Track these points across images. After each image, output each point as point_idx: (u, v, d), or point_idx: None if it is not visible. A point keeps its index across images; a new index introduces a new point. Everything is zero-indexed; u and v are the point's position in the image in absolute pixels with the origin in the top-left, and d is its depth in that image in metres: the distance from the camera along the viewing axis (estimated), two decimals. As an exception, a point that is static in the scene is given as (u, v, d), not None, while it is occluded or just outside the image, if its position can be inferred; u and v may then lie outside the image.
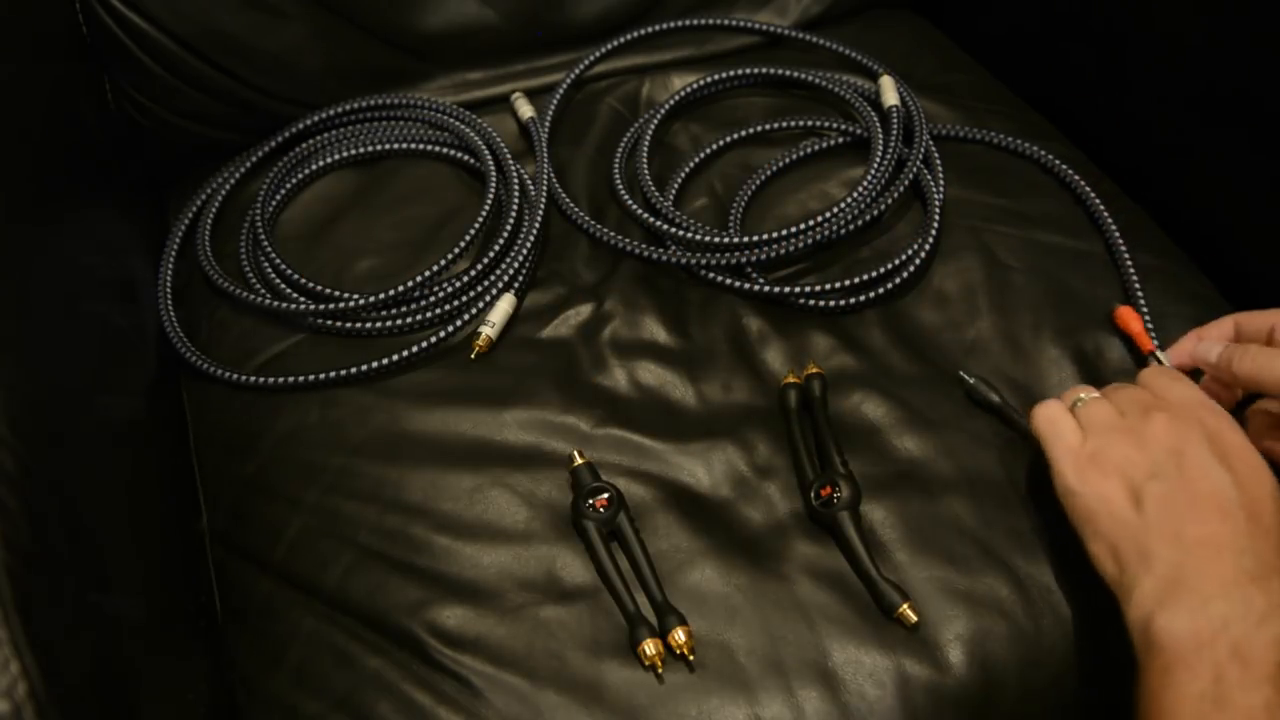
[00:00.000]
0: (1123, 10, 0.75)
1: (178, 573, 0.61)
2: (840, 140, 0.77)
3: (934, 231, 0.69)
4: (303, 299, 0.70)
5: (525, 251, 0.71)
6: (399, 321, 0.69)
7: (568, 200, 0.75)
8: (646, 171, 0.76)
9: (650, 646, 0.54)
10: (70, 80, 0.72)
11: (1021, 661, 0.54)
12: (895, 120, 0.75)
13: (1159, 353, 0.62)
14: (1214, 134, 0.72)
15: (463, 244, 0.71)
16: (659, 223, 0.72)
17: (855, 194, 0.70)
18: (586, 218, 0.74)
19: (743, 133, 0.78)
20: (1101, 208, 0.71)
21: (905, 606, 0.54)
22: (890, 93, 0.77)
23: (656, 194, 0.74)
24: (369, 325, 0.69)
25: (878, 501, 0.59)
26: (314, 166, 0.78)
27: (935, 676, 0.54)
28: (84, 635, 0.45)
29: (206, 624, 0.61)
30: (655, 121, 0.79)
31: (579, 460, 0.60)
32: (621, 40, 0.84)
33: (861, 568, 0.56)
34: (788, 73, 0.81)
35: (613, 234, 0.73)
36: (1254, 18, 0.67)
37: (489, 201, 0.73)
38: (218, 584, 0.62)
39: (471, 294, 0.70)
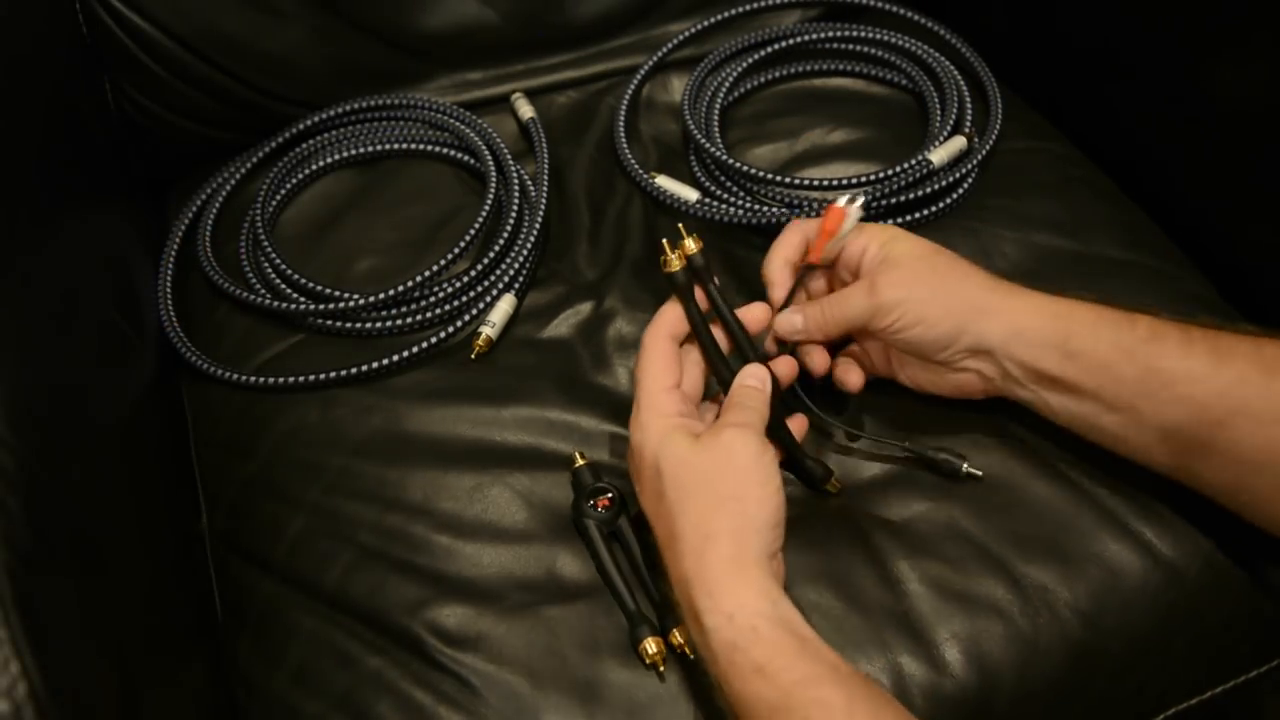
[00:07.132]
0: (1123, 10, 0.75)
1: (178, 573, 0.61)
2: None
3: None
4: (303, 299, 0.70)
5: (525, 251, 0.71)
6: (399, 321, 0.69)
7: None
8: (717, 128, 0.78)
9: (652, 645, 0.54)
10: (70, 80, 0.72)
11: (1018, 662, 0.54)
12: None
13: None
14: (1214, 134, 0.72)
15: (463, 244, 0.71)
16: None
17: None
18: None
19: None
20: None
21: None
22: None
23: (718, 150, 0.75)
24: (369, 325, 0.69)
25: (876, 502, 0.59)
26: (314, 166, 0.78)
27: (932, 676, 0.54)
28: (84, 635, 0.45)
29: (207, 624, 0.61)
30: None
31: (580, 461, 0.60)
32: (687, 34, 0.84)
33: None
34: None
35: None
36: (1253, 18, 0.67)
37: (489, 201, 0.73)
38: (218, 584, 0.62)
39: (471, 294, 0.70)
